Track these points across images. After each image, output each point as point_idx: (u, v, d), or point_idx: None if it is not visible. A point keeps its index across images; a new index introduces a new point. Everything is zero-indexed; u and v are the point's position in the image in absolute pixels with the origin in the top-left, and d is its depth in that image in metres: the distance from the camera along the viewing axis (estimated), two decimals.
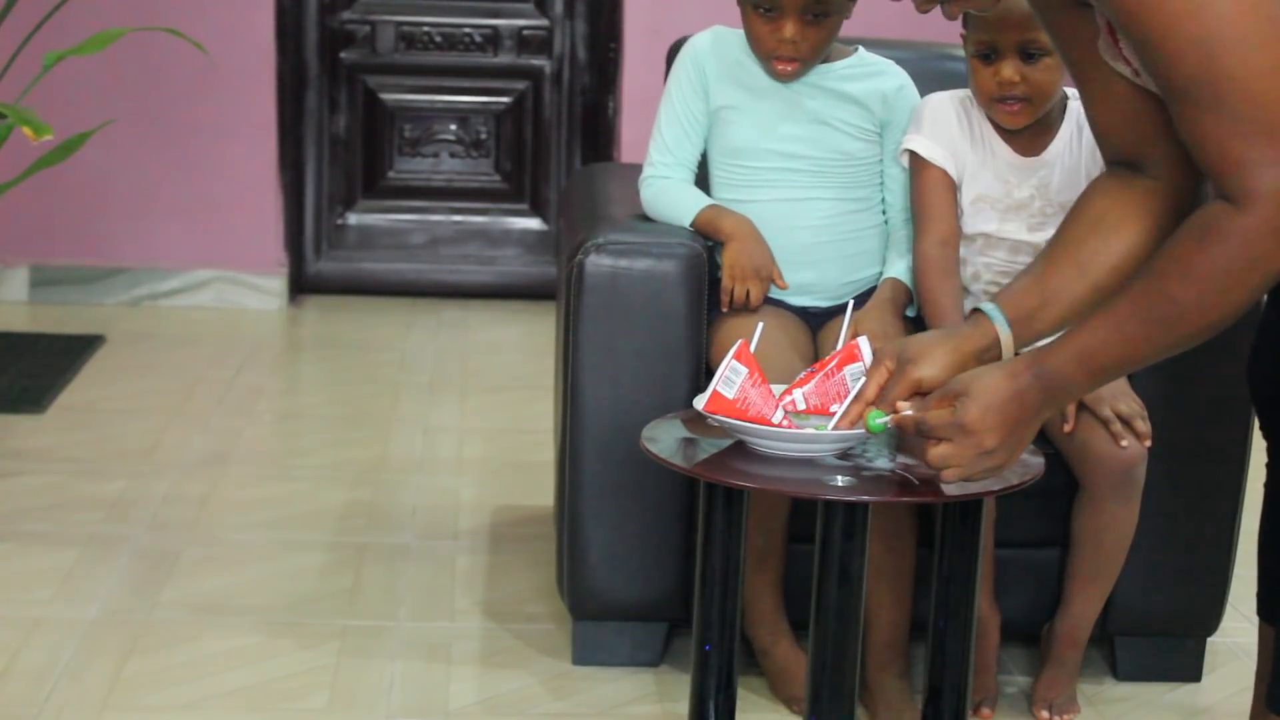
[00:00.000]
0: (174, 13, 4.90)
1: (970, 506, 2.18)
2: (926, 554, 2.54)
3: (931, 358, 2.04)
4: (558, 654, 2.94)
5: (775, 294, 2.85)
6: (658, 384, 2.75)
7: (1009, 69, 2.68)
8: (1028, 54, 2.67)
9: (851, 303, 2.50)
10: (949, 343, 2.06)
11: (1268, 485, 2.30)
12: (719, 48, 2.90)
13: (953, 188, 2.80)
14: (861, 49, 2.94)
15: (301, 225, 5.46)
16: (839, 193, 2.89)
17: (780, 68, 2.82)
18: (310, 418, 4.33)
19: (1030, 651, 2.95)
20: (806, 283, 2.87)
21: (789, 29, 2.77)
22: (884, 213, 2.93)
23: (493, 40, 5.44)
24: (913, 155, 2.82)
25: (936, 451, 1.95)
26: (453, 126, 5.49)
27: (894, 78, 2.92)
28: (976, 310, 2.08)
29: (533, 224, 5.54)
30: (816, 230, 2.88)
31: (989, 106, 2.75)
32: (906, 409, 2.00)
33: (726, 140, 2.90)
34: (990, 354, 2.04)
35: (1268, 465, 2.31)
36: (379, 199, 5.51)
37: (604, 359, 2.75)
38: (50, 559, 3.25)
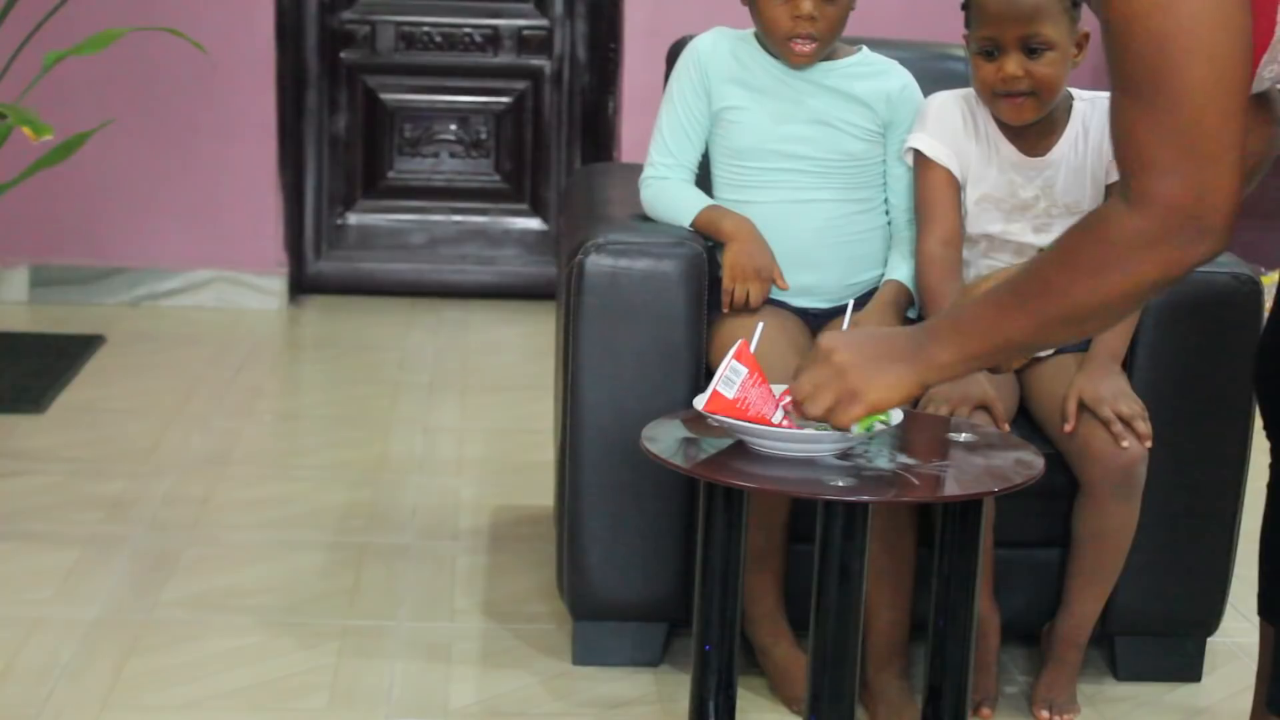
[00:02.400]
0: (174, 13, 4.90)
1: (970, 506, 2.18)
2: (926, 554, 2.54)
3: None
4: (558, 654, 2.94)
5: (776, 294, 2.85)
6: (658, 384, 2.75)
7: (1012, 64, 2.68)
8: (1030, 49, 2.67)
9: (851, 303, 2.50)
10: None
11: (1270, 485, 2.30)
12: (722, 48, 2.90)
13: (957, 187, 2.80)
14: (865, 48, 2.93)
15: (301, 225, 5.46)
16: (841, 194, 2.88)
17: (799, 48, 2.81)
18: (310, 418, 4.33)
19: (1030, 651, 2.95)
20: (808, 284, 2.87)
21: (806, 4, 2.76)
22: (887, 214, 2.93)
23: (493, 40, 5.44)
24: (917, 154, 2.81)
25: (797, 382, 2.02)
26: (453, 126, 5.49)
27: (898, 77, 2.91)
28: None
29: (533, 224, 5.54)
30: (819, 231, 2.88)
31: (993, 102, 2.75)
32: None
33: (729, 141, 2.90)
34: None
35: (1270, 465, 2.31)
36: (379, 199, 5.51)
37: (604, 359, 2.75)
38: (50, 559, 3.25)
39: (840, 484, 2.04)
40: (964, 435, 2.28)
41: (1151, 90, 1.71)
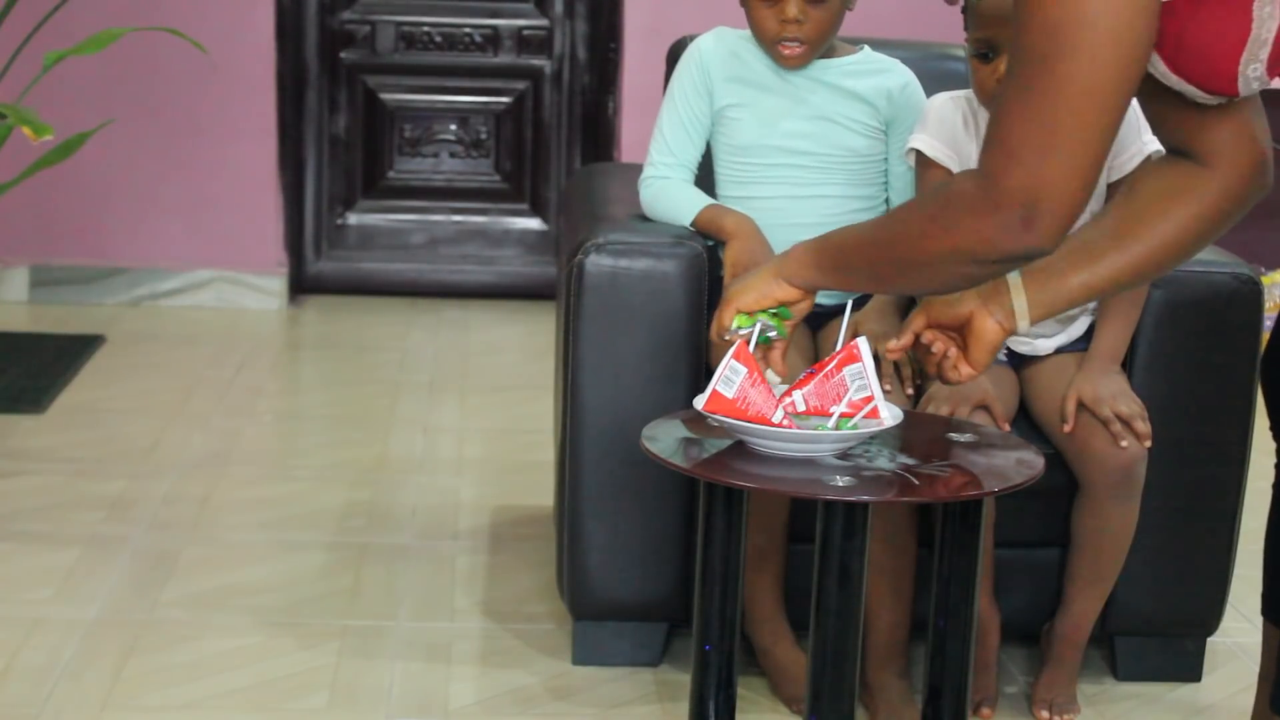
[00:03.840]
0: (174, 13, 4.90)
1: (970, 506, 2.18)
2: (926, 554, 2.54)
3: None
4: (558, 654, 2.94)
5: None
6: (658, 384, 2.75)
7: (1006, 66, 2.67)
8: None
9: (850, 303, 2.50)
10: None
11: (1276, 485, 2.29)
12: (723, 48, 2.91)
13: None
14: (867, 48, 2.93)
15: (301, 225, 5.46)
16: (842, 189, 2.89)
17: (786, 52, 2.82)
18: (310, 418, 4.33)
19: (1030, 651, 2.95)
20: None
21: (791, 8, 2.77)
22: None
23: (493, 40, 5.44)
24: (918, 154, 2.82)
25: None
26: (453, 126, 5.49)
27: (899, 75, 2.91)
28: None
29: (533, 224, 5.54)
30: (820, 227, 2.83)
31: (988, 105, 2.75)
32: None
33: (731, 138, 2.90)
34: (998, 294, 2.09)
35: (1276, 465, 2.31)
36: (379, 199, 5.52)
37: (604, 359, 2.75)
38: (50, 559, 3.25)
39: (840, 484, 2.04)
40: (964, 435, 2.28)
41: (1030, 78, 1.74)
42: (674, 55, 3.13)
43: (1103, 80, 1.72)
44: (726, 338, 2.14)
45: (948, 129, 2.80)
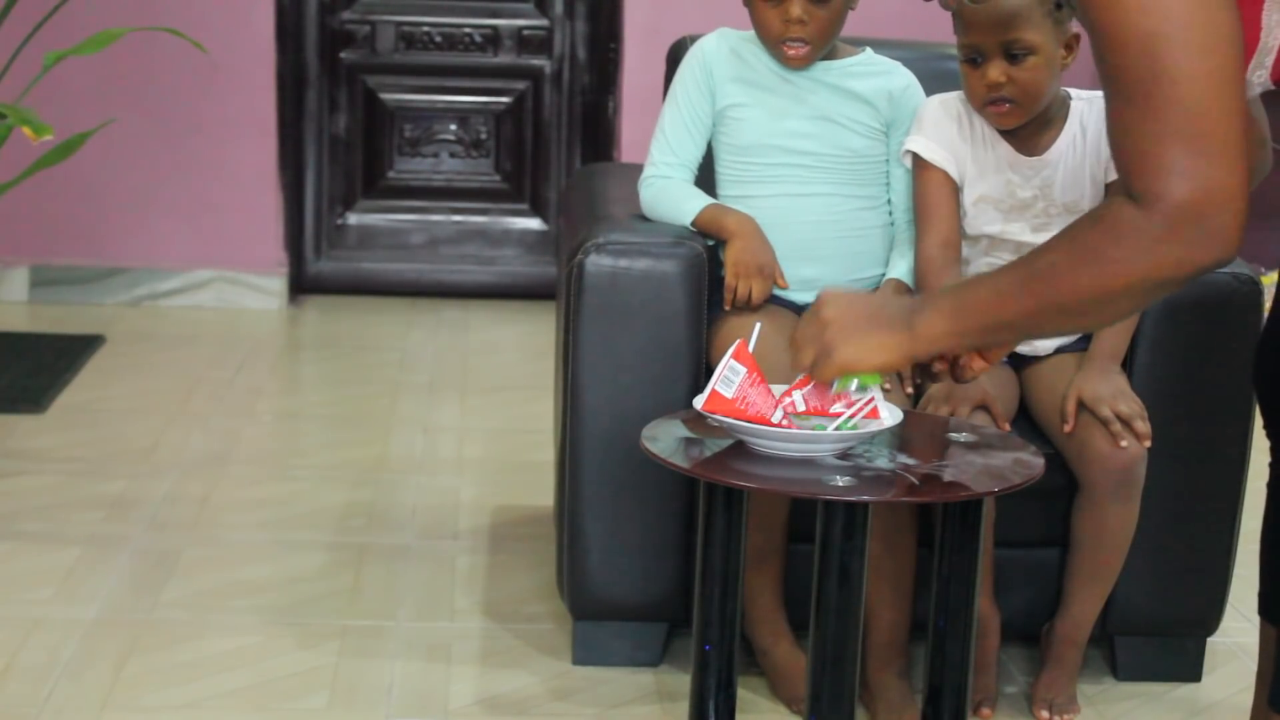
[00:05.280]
0: (174, 13, 4.90)
1: (970, 506, 2.18)
2: (926, 554, 2.54)
3: None
4: (558, 654, 2.94)
5: (777, 292, 2.85)
6: (658, 384, 2.75)
7: (995, 71, 2.69)
8: (1012, 55, 2.68)
9: None
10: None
11: (1270, 484, 2.30)
12: (725, 48, 2.91)
13: (954, 189, 2.80)
14: (869, 50, 2.94)
15: (301, 225, 5.46)
16: (841, 188, 2.89)
17: (791, 52, 2.82)
18: (310, 418, 4.33)
19: (1030, 651, 2.95)
20: (810, 278, 2.87)
21: (795, 9, 2.78)
22: (891, 214, 2.93)
23: (493, 40, 5.44)
24: (915, 156, 2.82)
25: (795, 332, 2.06)
26: (453, 126, 5.49)
27: (900, 77, 2.92)
28: None
29: (533, 224, 5.54)
30: (819, 224, 2.88)
31: (981, 111, 2.76)
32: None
33: (733, 138, 2.90)
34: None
35: (1270, 464, 2.31)
36: (379, 199, 5.51)
37: (604, 359, 2.75)
38: (50, 559, 3.25)
39: (840, 484, 2.04)
40: (964, 435, 2.28)
41: (1146, 92, 1.70)
42: (674, 55, 3.13)
43: (1218, 66, 1.69)
44: (834, 394, 2.08)
45: (943, 131, 2.80)
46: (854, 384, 2.06)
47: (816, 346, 2.01)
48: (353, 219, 5.51)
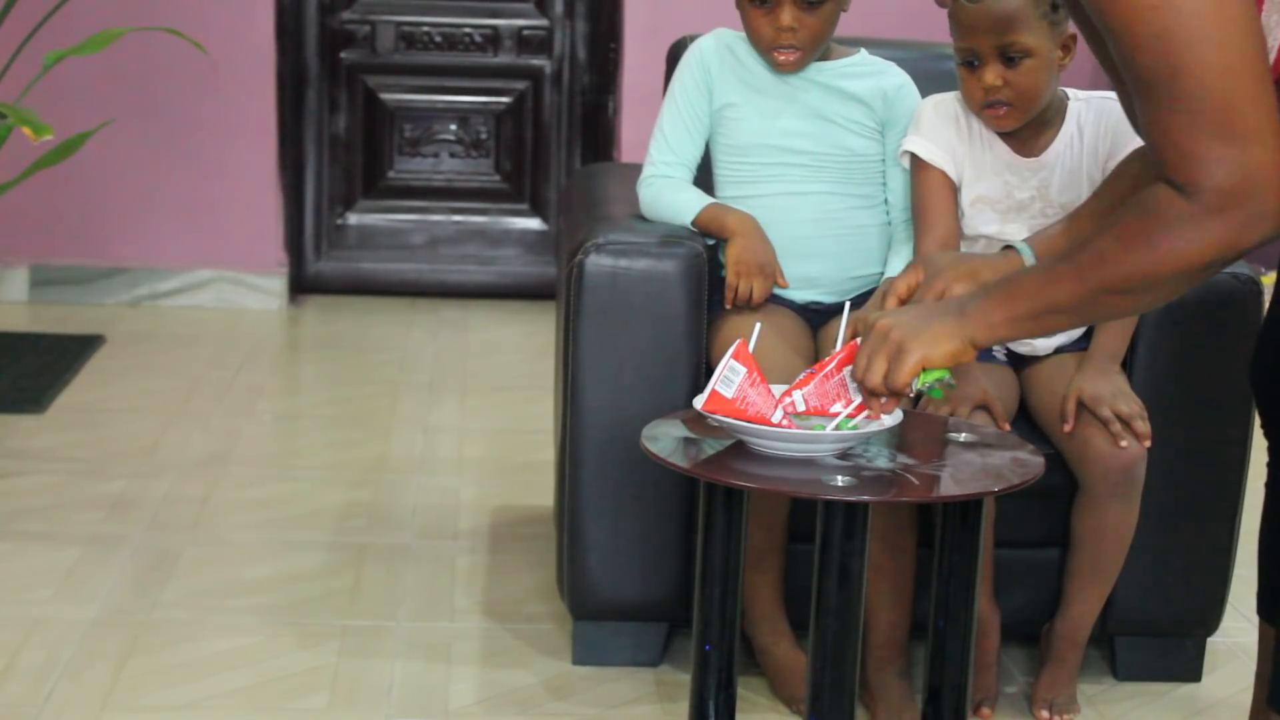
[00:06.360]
0: (174, 13, 4.90)
1: (970, 506, 2.18)
2: (926, 554, 2.54)
3: (957, 275, 2.12)
4: (558, 654, 2.94)
5: (777, 291, 2.85)
6: (658, 384, 2.75)
7: (991, 74, 2.69)
8: (1008, 57, 2.68)
9: (849, 303, 2.50)
10: (972, 263, 2.16)
11: (1269, 485, 2.30)
12: (722, 48, 2.92)
13: (952, 189, 2.80)
14: (864, 51, 2.94)
15: (301, 225, 5.46)
16: (839, 187, 2.89)
17: (781, 58, 2.83)
18: (310, 418, 4.33)
19: (1030, 651, 2.95)
20: (809, 275, 2.87)
21: (785, 16, 2.79)
22: (888, 213, 2.93)
23: (493, 40, 5.44)
24: (913, 157, 2.82)
25: (855, 362, 2.06)
26: (453, 126, 5.49)
27: (895, 76, 2.92)
28: (1009, 246, 2.17)
29: (533, 224, 5.54)
30: (816, 222, 2.89)
31: (978, 114, 2.76)
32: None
33: (730, 137, 2.91)
34: None
35: (1269, 465, 2.31)
36: (379, 199, 5.52)
37: (604, 359, 2.75)
38: (50, 559, 3.25)
39: (840, 484, 2.04)
40: (963, 435, 2.28)
41: (1170, 87, 1.72)
42: (674, 55, 3.13)
43: (1238, 54, 1.70)
44: (911, 393, 2.05)
45: (942, 130, 2.80)
46: (932, 379, 2.04)
47: (885, 352, 2.00)
48: (353, 219, 5.51)
